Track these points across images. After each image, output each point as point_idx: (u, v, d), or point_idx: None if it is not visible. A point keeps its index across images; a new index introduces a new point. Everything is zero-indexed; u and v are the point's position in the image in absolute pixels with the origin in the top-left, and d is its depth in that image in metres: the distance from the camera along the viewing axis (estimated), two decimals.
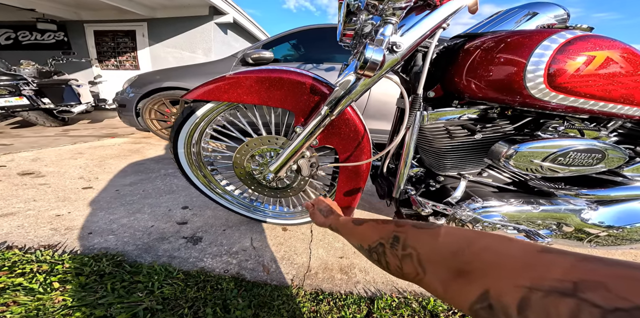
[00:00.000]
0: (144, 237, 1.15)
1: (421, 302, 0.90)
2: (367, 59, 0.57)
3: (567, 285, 0.17)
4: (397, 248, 0.33)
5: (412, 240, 0.33)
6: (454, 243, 0.28)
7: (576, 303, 0.16)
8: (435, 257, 0.29)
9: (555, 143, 0.66)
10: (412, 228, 0.35)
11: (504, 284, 0.21)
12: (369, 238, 0.40)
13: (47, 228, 1.16)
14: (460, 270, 0.25)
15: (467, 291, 0.23)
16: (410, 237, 0.33)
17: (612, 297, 0.15)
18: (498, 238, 0.26)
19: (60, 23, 5.38)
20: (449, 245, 0.28)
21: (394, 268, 0.34)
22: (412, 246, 0.32)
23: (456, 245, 0.28)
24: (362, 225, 0.45)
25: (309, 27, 2.38)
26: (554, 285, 0.18)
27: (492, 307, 0.20)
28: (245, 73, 0.83)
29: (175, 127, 0.98)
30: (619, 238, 0.83)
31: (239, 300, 0.84)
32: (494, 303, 0.20)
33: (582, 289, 0.17)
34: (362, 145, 0.88)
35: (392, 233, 0.36)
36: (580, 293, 0.16)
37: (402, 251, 0.33)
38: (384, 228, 0.39)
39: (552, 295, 0.17)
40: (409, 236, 0.34)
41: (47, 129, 3.47)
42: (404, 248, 0.32)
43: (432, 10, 0.65)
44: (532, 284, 0.19)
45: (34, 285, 0.80)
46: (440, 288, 0.26)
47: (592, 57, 0.56)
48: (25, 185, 1.57)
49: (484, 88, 0.67)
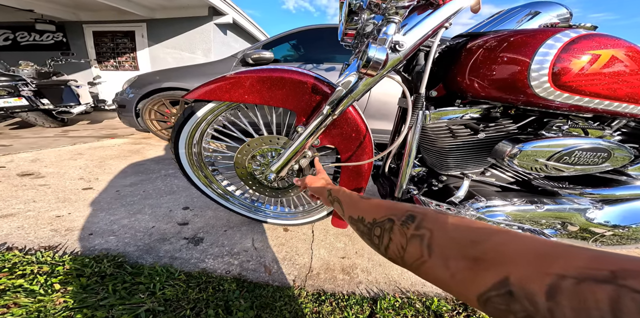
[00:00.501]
0: (145, 237, 1.14)
1: (425, 302, 0.90)
2: (370, 58, 0.57)
3: (604, 273, 0.17)
4: (409, 227, 0.32)
5: (430, 221, 0.31)
6: (475, 232, 0.27)
7: (615, 289, 0.15)
8: (450, 242, 0.27)
9: (560, 142, 0.65)
10: (432, 211, 0.33)
11: (528, 271, 0.20)
12: (376, 213, 0.38)
13: (48, 229, 1.15)
14: (476, 258, 0.24)
15: (481, 278, 0.22)
16: (429, 218, 0.32)
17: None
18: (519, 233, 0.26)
19: (59, 24, 5.37)
20: (469, 233, 0.27)
21: (395, 248, 0.32)
22: (428, 227, 0.30)
23: (477, 234, 0.27)
24: (370, 200, 0.44)
25: (309, 27, 2.38)
26: (588, 272, 0.17)
27: (512, 293, 0.19)
28: (246, 73, 0.83)
29: (176, 127, 0.98)
30: (624, 238, 0.82)
31: (241, 301, 0.84)
32: (516, 290, 0.19)
33: (622, 277, 0.16)
34: (364, 144, 0.87)
35: (407, 212, 0.34)
36: (620, 280, 0.16)
37: (414, 231, 0.31)
38: (397, 206, 0.37)
39: (586, 282, 0.17)
40: (427, 217, 0.32)
41: (46, 129, 3.46)
42: (417, 229, 0.31)
43: (434, 10, 0.65)
44: (562, 271, 0.18)
45: (34, 287, 0.80)
46: (445, 274, 0.25)
47: (597, 55, 0.56)
48: (25, 186, 1.57)
49: (487, 87, 0.67)
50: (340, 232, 1.29)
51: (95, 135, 3.19)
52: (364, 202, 0.45)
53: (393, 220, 0.34)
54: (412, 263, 0.29)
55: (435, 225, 0.30)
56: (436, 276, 0.26)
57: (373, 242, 0.36)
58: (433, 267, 0.27)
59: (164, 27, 5.19)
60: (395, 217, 0.35)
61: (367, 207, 0.43)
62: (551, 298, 0.17)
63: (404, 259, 0.31)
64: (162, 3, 4.75)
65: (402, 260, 0.31)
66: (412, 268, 0.30)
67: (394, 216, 0.35)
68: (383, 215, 0.37)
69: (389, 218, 0.35)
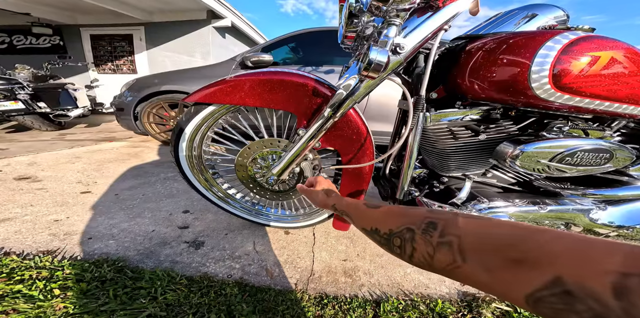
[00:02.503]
0: (145, 241, 1.13)
1: (429, 304, 0.90)
2: (372, 61, 0.57)
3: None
4: (433, 235, 0.31)
5: (454, 227, 0.30)
6: (511, 235, 0.26)
7: None
8: (485, 246, 0.26)
9: (561, 143, 0.66)
10: (451, 215, 0.32)
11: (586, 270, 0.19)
12: (391, 223, 0.37)
13: (46, 233, 1.14)
14: (518, 260, 0.23)
15: (529, 278, 0.21)
16: (451, 224, 0.31)
17: None
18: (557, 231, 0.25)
19: (56, 27, 5.37)
20: (504, 236, 0.26)
21: (421, 256, 0.31)
22: (454, 234, 0.29)
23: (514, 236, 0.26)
24: (378, 209, 0.42)
25: (308, 30, 2.40)
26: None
27: (570, 293, 0.19)
28: (246, 75, 0.83)
29: (176, 131, 0.98)
30: (628, 238, 0.83)
31: (244, 306, 0.83)
32: (574, 289, 0.19)
33: None
34: (365, 147, 0.87)
35: (426, 219, 0.33)
36: None
37: (440, 238, 0.30)
38: (412, 214, 0.36)
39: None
40: (449, 223, 0.31)
41: (43, 133, 3.44)
42: (442, 236, 0.30)
43: (434, 12, 0.66)
44: (625, 269, 0.18)
45: (33, 292, 0.78)
46: (485, 277, 0.25)
47: (596, 57, 0.56)
48: (22, 190, 1.55)
49: (487, 88, 0.67)
50: (342, 235, 1.29)
51: (93, 138, 3.17)
52: (372, 211, 0.43)
53: (413, 230, 0.33)
54: (443, 268, 0.28)
55: (462, 231, 0.29)
56: (474, 280, 0.26)
57: (394, 252, 0.35)
58: (470, 271, 0.26)
59: (162, 30, 5.20)
60: (414, 226, 0.33)
61: (378, 216, 0.41)
62: (622, 297, 0.17)
63: (432, 266, 0.30)
64: (160, 6, 4.76)
65: (430, 267, 0.30)
66: (444, 273, 0.29)
67: (411, 225, 0.34)
68: (399, 225, 0.35)
69: (407, 228, 0.34)
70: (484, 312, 0.88)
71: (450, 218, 0.32)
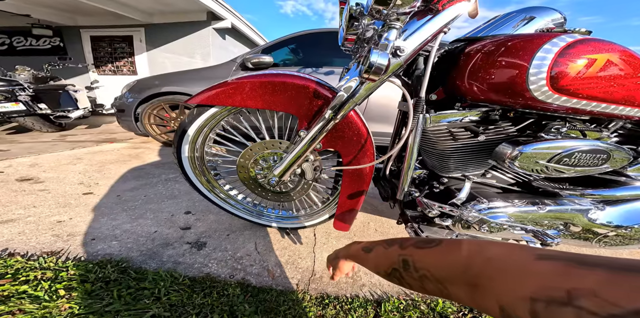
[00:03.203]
0: (147, 242, 1.14)
1: (429, 304, 0.90)
2: (373, 64, 0.58)
3: (562, 293, 0.18)
4: (411, 272, 0.33)
5: (420, 262, 0.33)
6: (460, 259, 0.29)
7: (576, 313, 0.17)
8: (447, 275, 0.29)
9: (559, 144, 0.67)
10: (416, 250, 0.35)
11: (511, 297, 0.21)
12: (382, 265, 0.40)
13: (49, 234, 1.15)
14: (474, 284, 0.26)
15: (489, 305, 0.24)
16: (417, 259, 0.34)
17: (604, 304, 0.16)
18: (499, 248, 0.27)
19: (56, 28, 5.38)
20: (456, 262, 0.29)
21: (418, 288, 0.33)
22: (422, 268, 0.32)
23: (463, 260, 0.28)
24: (371, 253, 0.45)
25: (308, 31, 2.41)
26: (550, 294, 0.19)
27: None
28: (248, 78, 0.84)
29: (179, 132, 0.99)
30: (627, 238, 0.84)
31: (246, 306, 0.84)
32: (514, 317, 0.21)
33: (576, 297, 0.18)
34: (366, 148, 0.88)
35: (400, 258, 0.36)
36: (575, 301, 0.17)
37: (416, 273, 0.33)
38: (391, 254, 0.39)
39: (552, 305, 0.18)
40: (415, 259, 0.34)
41: (43, 134, 3.44)
42: (417, 271, 0.33)
43: (434, 15, 0.67)
44: (533, 295, 0.20)
45: (39, 293, 0.79)
46: (468, 301, 0.27)
47: (593, 60, 0.57)
48: (24, 191, 1.56)
49: (486, 90, 0.68)
50: (342, 235, 1.30)
51: (94, 139, 3.18)
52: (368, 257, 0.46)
53: (397, 269, 0.36)
54: (440, 295, 0.31)
55: (426, 265, 0.32)
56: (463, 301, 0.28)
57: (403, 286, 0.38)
58: (456, 297, 0.28)
59: (162, 31, 5.21)
60: (396, 266, 0.36)
61: (372, 262, 0.44)
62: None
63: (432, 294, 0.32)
64: (160, 8, 4.77)
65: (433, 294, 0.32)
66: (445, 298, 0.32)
67: (394, 265, 0.37)
68: (388, 267, 0.38)
69: (394, 269, 0.37)
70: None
71: (414, 253, 0.35)
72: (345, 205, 1.00)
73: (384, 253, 0.41)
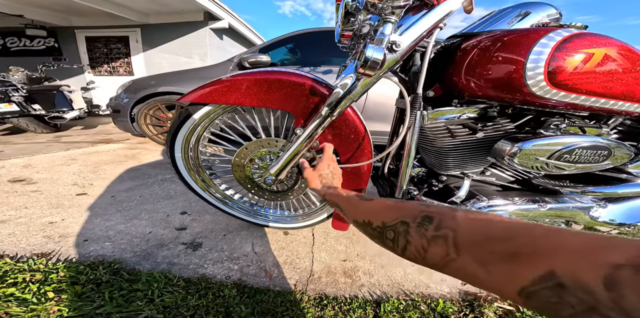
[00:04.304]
0: (142, 243, 1.12)
1: (430, 304, 0.89)
2: (368, 58, 0.57)
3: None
4: (428, 228, 0.31)
5: (450, 220, 0.30)
6: (506, 229, 0.26)
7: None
8: (480, 240, 0.26)
9: (559, 140, 0.66)
10: (448, 209, 0.32)
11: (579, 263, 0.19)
12: (385, 216, 0.37)
13: (40, 236, 1.12)
14: (513, 253, 0.23)
15: (522, 272, 0.21)
16: (448, 217, 0.31)
17: None
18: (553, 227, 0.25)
19: (50, 29, 5.33)
20: (499, 230, 0.26)
21: (415, 249, 0.31)
22: (449, 227, 0.29)
23: (509, 230, 0.26)
24: (372, 201, 0.42)
25: (306, 30, 2.40)
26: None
27: (563, 285, 0.19)
28: (242, 75, 0.82)
29: (171, 131, 0.97)
30: (629, 236, 0.83)
31: (242, 307, 0.82)
32: (567, 281, 0.19)
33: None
34: (363, 146, 0.87)
35: (422, 213, 0.33)
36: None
37: (435, 231, 0.30)
38: (406, 206, 0.36)
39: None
40: (446, 217, 0.31)
41: (38, 135, 3.40)
42: (437, 229, 0.30)
43: (429, 10, 0.66)
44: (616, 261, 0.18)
45: (27, 295, 0.77)
46: (479, 271, 0.25)
47: (590, 54, 0.57)
48: (16, 193, 1.53)
49: (484, 86, 0.67)
50: (341, 235, 1.28)
51: (90, 140, 3.14)
52: (365, 203, 0.43)
53: (407, 223, 0.33)
54: (437, 262, 0.28)
55: (458, 224, 0.29)
56: (467, 273, 0.26)
57: (386, 245, 0.35)
58: (463, 265, 0.26)
59: (158, 32, 5.18)
60: (409, 219, 0.33)
61: (371, 209, 0.41)
62: (612, 288, 0.17)
63: (425, 259, 0.30)
64: (156, 8, 4.74)
65: (423, 260, 0.30)
66: (437, 267, 0.29)
67: (406, 218, 0.34)
68: (394, 218, 0.35)
69: (401, 221, 0.34)
70: (485, 311, 0.87)
71: (447, 213, 0.32)
72: None
73: (394, 205, 0.38)
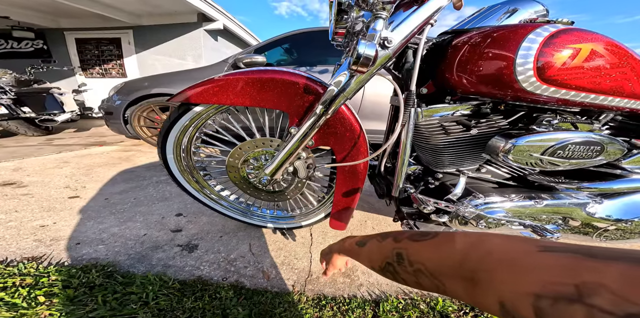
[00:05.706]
0: (136, 246, 1.10)
1: (429, 303, 0.89)
2: (360, 54, 0.57)
3: (570, 289, 0.17)
4: (406, 266, 0.32)
5: (415, 255, 0.32)
6: (457, 252, 0.27)
7: (587, 311, 0.16)
8: (444, 269, 0.28)
9: (552, 136, 0.66)
10: (410, 242, 0.34)
11: (512, 293, 0.20)
12: (376, 259, 0.39)
13: (31, 239, 1.10)
14: (471, 279, 0.24)
15: (488, 301, 0.22)
16: (411, 252, 0.32)
17: (621, 301, 0.15)
18: (498, 240, 0.26)
19: (38, 31, 5.24)
20: (452, 255, 0.27)
21: (413, 284, 0.32)
22: (417, 261, 0.31)
23: (460, 253, 0.27)
24: (365, 247, 0.44)
25: (301, 30, 2.40)
26: (557, 289, 0.17)
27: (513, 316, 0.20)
28: (235, 74, 0.81)
29: (162, 132, 0.95)
30: (627, 232, 0.83)
31: (239, 309, 0.81)
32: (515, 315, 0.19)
33: (587, 293, 0.16)
34: (359, 144, 0.87)
35: (394, 251, 0.35)
36: (586, 298, 0.16)
37: (411, 267, 0.31)
38: (385, 247, 0.38)
39: (560, 302, 0.17)
40: (410, 252, 0.32)
41: (29, 138, 3.34)
42: (411, 264, 0.31)
43: (419, 6, 0.66)
44: (537, 290, 0.18)
45: (16, 300, 0.75)
46: (465, 297, 0.25)
47: (577, 49, 0.57)
48: (6, 196, 1.50)
49: (475, 82, 0.68)
50: (339, 234, 1.28)
51: (82, 143, 3.10)
52: (362, 251, 0.45)
53: (391, 263, 0.35)
54: (437, 291, 0.29)
55: (421, 258, 0.31)
56: (460, 298, 0.27)
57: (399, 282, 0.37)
58: (453, 293, 0.27)
59: (151, 33, 5.14)
60: (389, 260, 0.35)
61: (366, 256, 0.43)
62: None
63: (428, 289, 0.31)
64: (148, 9, 4.70)
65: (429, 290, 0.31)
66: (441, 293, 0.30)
67: (388, 259, 0.36)
68: (382, 261, 0.37)
69: (387, 263, 0.36)
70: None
71: (409, 246, 0.33)
72: (341, 203, 0.98)
73: (377, 247, 0.40)
